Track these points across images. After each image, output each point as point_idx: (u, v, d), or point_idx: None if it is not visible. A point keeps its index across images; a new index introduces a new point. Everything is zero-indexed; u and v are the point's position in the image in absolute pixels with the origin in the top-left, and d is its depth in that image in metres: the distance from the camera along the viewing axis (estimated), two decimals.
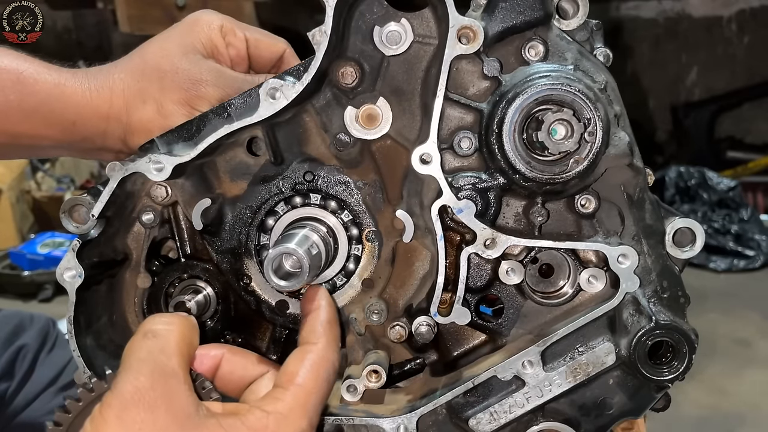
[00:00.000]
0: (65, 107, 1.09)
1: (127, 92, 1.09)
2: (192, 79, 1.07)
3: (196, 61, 1.09)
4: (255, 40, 1.17)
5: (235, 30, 1.15)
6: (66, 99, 1.09)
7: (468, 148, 0.93)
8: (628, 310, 0.94)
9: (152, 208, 1.00)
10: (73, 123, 1.10)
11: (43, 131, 1.11)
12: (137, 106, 1.08)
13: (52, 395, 1.81)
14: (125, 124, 1.09)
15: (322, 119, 0.98)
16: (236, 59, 1.15)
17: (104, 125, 1.09)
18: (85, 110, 1.09)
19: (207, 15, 1.16)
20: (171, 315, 0.90)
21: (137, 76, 1.09)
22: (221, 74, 1.09)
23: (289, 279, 0.89)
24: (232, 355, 0.88)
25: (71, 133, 1.11)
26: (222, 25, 1.14)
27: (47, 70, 1.11)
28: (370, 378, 0.96)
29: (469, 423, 0.95)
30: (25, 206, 6.01)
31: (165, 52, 1.10)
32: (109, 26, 6.84)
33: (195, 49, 1.11)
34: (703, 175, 5.68)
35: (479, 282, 0.97)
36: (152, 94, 1.07)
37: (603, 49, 0.93)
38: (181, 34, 1.13)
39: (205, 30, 1.13)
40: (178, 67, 1.08)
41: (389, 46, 0.93)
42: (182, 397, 0.75)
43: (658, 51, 6.88)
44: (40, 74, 1.10)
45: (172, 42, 1.12)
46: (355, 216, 1.01)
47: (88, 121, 1.09)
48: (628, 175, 0.93)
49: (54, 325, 1.99)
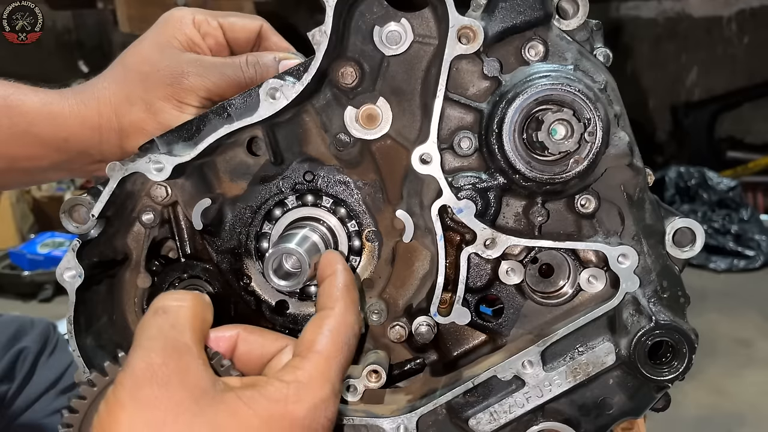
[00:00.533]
0: (55, 125, 1.11)
1: (114, 99, 1.10)
2: (174, 73, 1.08)
3: (175, 55, 1.10)
4: (229, 24, 1.17)
5: (208, 20, 1.15)
6: (54, 117, 1.11)
7: (468, 148, 0.93)
8: (628, 310, 0.94)
9: (152, 208, 1.00)
10: (65, 140, 1.11)
11: (37, 152, 1.13)
12: (126, 110, 1.09)
13: (52, 398, 1.81)
14: (118, 129, 1.10)
15: (322, 119, 0.98)
16: (215, 48, 1.16)
17: (98, 136, 1.11)
18: (74, 125, 1.10)
19: (178, 11, 1.17)
20: (182, 291, 0.87)
21: (120, 82, 1.11)
22: (201, 63, 1.10)
23: (289, 279, 0.89)
24: (248, 334, 0.85)
25: (66, 151, 1.13)
26: (194, 18, 1.15)
27: (33, 92, 1.13)
28: (370, 378, 0.96)
29: (469, 423, 0.95)
30: (25, 206, 6.01)
31: (142, 55, 1.12)
32: (109, 26, 6.83)
33: (171, 46, 1.12)
34: (703, 175, 5.68)
35: (479, 282, 0.97)
36: (138, 95, 1.09)
37: (603, 49, 0.93)
38: (156, 35, 1.14)
39: (178, 26, 1.14)
40: (158, 66, 1.09)
41: (389, 46, 0.93)
42: (197, 372, 0.73)
43: (658, 51, 6.88)
44: (26, 96, 1.12)
45: (148, 44, 1.13)
46: (355, 216, 1.01)
47: (80, 134, 1.11)
48: (628, 175, 0.92)
49: (54, 329, 1.99)
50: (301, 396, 0.75)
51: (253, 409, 0.72)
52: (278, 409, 0.73)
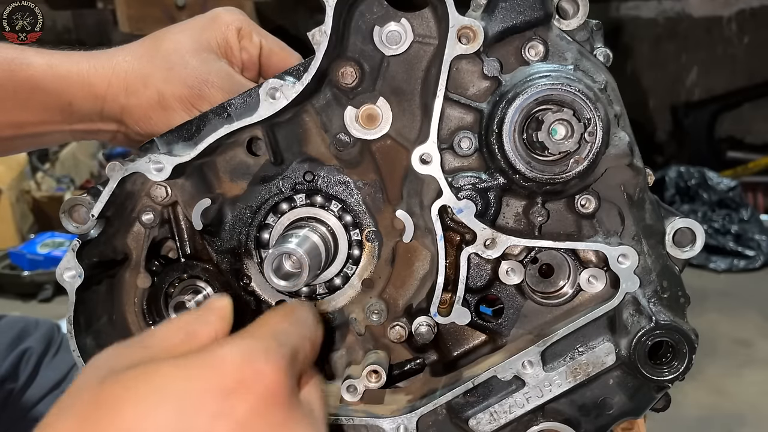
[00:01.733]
0: (60, 88, 1.07)
1: (131, 75, 1.07)
2: (199, 78, 1.06)
3: (208, 60, 1.09)
4: (269, 49, 1.16)
5: (252, 34, 1.14)
6: (60, 80, 1.07)
7: (468, 148, 0.93)
8: (628, 310, 0.94)
9: (152, 208, 1.00)
10: (69, 103, 1.08)
11: (42, 116, 1.10)
12: (137, 89, 1.07)
13: (56, 398, 1.81)
14: (122, 105, 1.07)
15: (322, 119, 0.98)
16: (248, 63, 1.15)
17: (101, 104, 1.08)
18: (80, 89, 1.07)
19: (228, 14, 1.15)
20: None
21: (145, 61, 1.08)
22: (230, 78, 1.08)
23: (289, 279, 0.89)
24: None
25: (69, 114, 1.10)
26: (241, 27, 1.13)
27: (38, 53, 1.10)
28: (370, 378, 0.96)
29: (469, 423, 0.95)
30: (25, 206, 6.01)
31: (178, 45, 1.09)
32: (109, 26, 6.83)
33: (209, 47, 1.10)
34: (703, 175, 5.67)
35: (479, 282, 0.97)
36: (156, 81, 1.06)
37: (603, 49, 0.93)
38: (199, 29, 1.12)
39: (223, 29, 1.12)
40: (187, 63, 1.07)
41: (389, 46, 0.93)
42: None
43: (658, 51, 6.88)
44: (30, 58, 1.08)
45: (188, 35, 1.11)
46: (355, 216, 1.01)
47: (83, 100, 1.08)
48: (628, 175, 0.92)
49: (58, 331, 1.98)
50: (232, 341, 0.65)
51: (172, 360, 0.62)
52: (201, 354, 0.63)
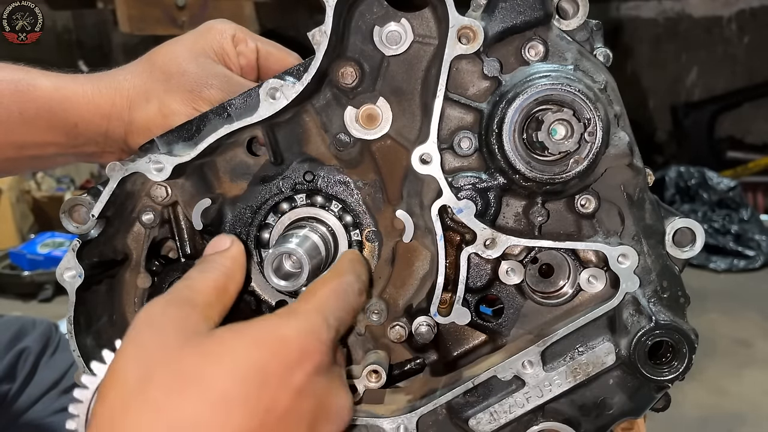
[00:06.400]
0: (66, 109, 1.09)
1: (132, 92, 1.09)
2: (198, 81, 1.08)
3: (205, 64, 1.10)
4: (266, 51, 1.18)
5: (247, 40, 1.16)
6: (66, 101, 1.09)
7: (468, 148, 0.93)
8: (628, 310, 0.94)
9: (152, 208, 1.00)
10: (75, 125, 1.10)
11: (46, 138, 1.11)
12: (140, 105, 1.09)
13: (54, 397, 1.81)
14: (126, 122, 1.09)
15: (322, 119, 0.98)
16: (246, 68, 1.16)
17: (105, 124, 1.10)
18: (86, 110, 1.09)
19: (220, 24, 1.17)
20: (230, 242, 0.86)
21: (144, 77, 1.10)
22: (229, 80, 1.09)
23: (289, 279, 0.89)
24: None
25: (74, 137, 1.12)
26: (234, 34, 1.15)
27: (44, 75, 1.12)
28: (370, 378, 0.96)
29: (469, 423, 0.95)
30: (25, 206, 6.02)
31: (174, 55, 1.11)
32: (109, 26, 6.84)
33: (205, 54, 1.12)
34: (703, 175, 5.68)
35: (479, 282, 0.97)
36: (157, 93, 1.08)
37: (603, 49, 0.93)
38: (193, 39, 1.14)
39: (218, 37, 1.14)
40: (185, 70, 1.09)
41: (389, 46, 0.93)
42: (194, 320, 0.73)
43: (658, 51, 6.88)
44: (37, 80, 1.11)
45: (183, 46, 1.13)
46: (355, 216, 1.01)
47: (89, 121, 1.10)
48: (628, 175, 0.92)
49: (56, 330, 1.99)
50: (291, 321, 0.75)
51: (241, 334, 0.72)
52: (267, 331, 0.73)
